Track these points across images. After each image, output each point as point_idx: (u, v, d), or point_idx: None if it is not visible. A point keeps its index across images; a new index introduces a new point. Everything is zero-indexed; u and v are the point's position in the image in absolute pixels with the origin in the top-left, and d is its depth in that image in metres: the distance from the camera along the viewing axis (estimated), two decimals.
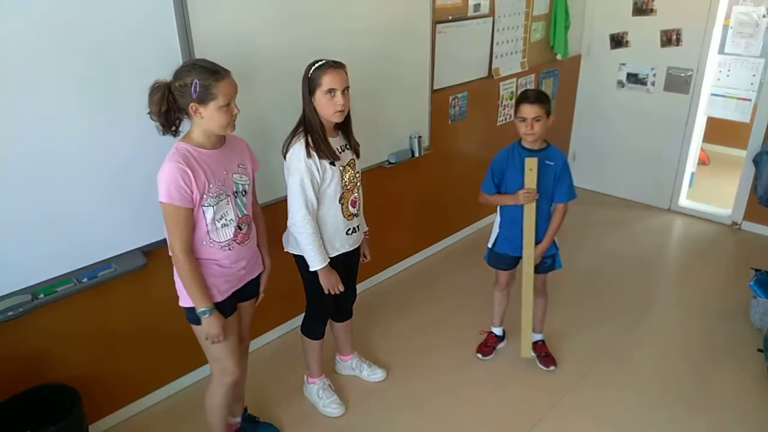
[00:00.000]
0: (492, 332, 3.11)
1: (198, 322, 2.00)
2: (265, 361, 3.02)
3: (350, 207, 2.36)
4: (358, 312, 2.83)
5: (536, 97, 2.53)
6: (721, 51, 4.49)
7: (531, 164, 2.61)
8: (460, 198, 4.16)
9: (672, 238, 4.49)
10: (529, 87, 4.42)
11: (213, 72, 1.83)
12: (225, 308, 2.06)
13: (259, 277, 2.25)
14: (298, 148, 2.18)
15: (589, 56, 4.92)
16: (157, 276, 2.43)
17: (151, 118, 1.87)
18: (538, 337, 3.01)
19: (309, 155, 2.17)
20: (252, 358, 2.58)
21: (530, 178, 2.62)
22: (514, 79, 4.29)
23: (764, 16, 4.38)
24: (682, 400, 2.75)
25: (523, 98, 2.55)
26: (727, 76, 4.46)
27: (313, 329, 2.60)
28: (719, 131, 5.49)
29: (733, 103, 4.48)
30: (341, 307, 2.69)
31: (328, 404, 2.65)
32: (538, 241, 2.71)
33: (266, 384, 2.85)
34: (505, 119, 4.31)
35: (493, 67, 4.04)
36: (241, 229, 2.05)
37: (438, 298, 3.61)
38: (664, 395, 2.78)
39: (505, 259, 2.86)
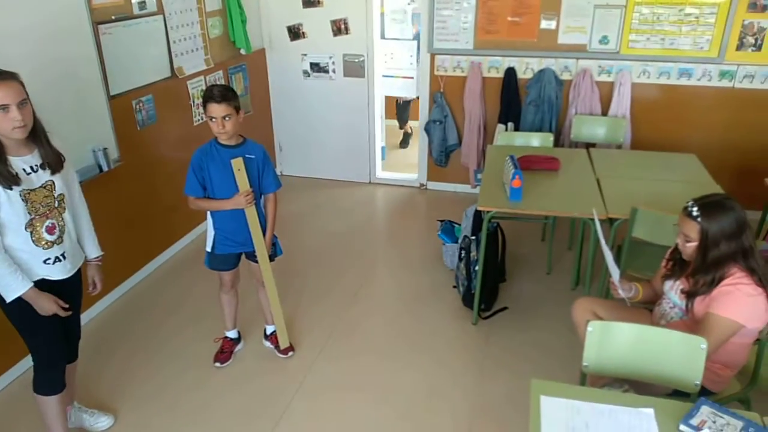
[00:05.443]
0: (227, 337, 3.03)
1: None
2: None
3: (45, 234, 2.06)
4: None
5: (222, 95, 2.46)
6: (383, 36, 5.08)
7: (238, 165, 2.56)
8: (170, 207, 3.91)
9: (375, 207, 4.98)
10: (218, 83, 4.35)
11: None
12: None
13: None
14: None
15: (273, 49, 5.07)
16: None
17: None
18: (272, 328, 3.04)
19: None
20: None
21: (242, 179, 2.59)
22: (202, 77, 4.18)
23: (409, 4, 5.09)
24: (408, 344, 3.10)
25: (209, 98, 2.47)
26: (392, 58, 5.08)
27: (48, 381, 2.20)
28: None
29: (400, 82, 5.14)
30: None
31: None
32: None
33: None
34: (201, 118, 4.17)
35: (176, 66, 3.86)
36: None
37: (164, 317, 3.36)
38: (394, 345, 3.09)
39: (227, 259, 2.80)
